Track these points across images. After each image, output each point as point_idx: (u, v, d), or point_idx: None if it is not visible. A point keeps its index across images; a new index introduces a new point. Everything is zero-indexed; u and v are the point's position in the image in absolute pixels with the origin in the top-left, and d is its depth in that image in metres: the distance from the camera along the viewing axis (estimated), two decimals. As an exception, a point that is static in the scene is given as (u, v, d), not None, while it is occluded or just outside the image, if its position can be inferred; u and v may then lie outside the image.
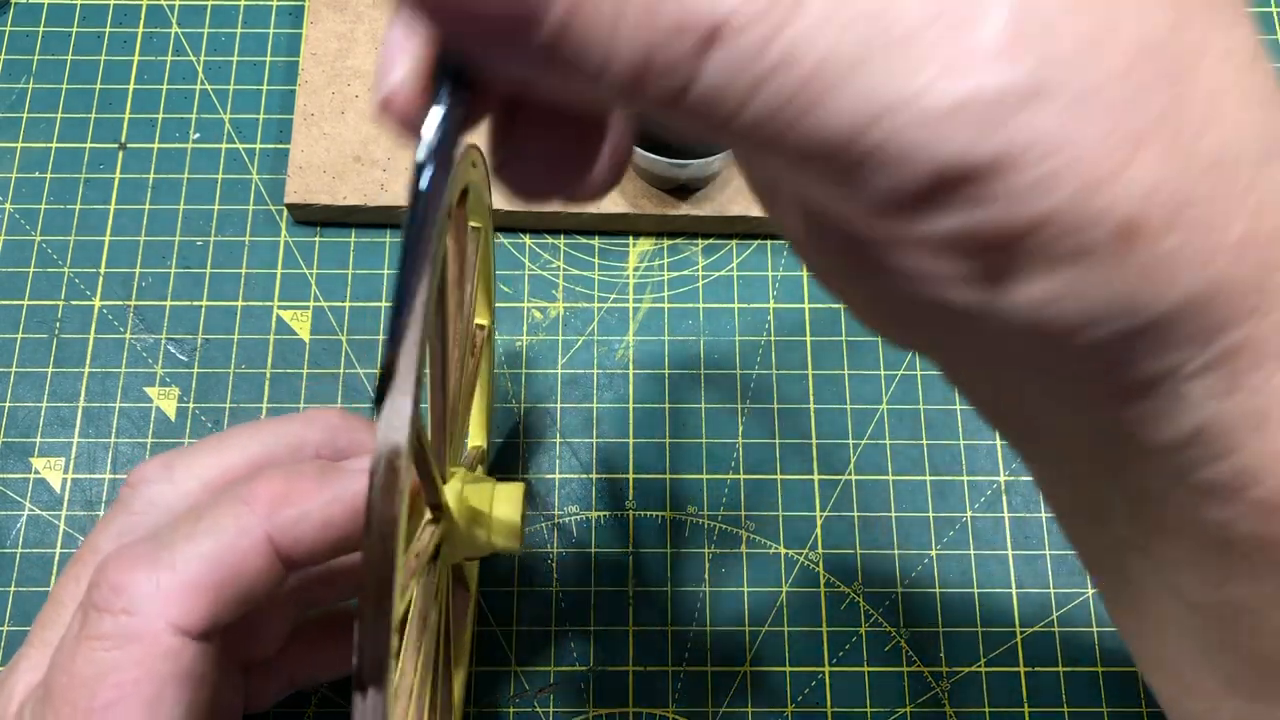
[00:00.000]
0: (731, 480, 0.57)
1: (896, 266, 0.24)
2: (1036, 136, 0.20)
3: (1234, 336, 0.23)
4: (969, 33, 0.20)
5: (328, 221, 0.62)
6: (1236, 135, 0.22)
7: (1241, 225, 0.22)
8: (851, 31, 0.20)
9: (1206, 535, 0.27)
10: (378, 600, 0.26)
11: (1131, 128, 0.21)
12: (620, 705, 0.54)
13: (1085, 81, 0.20)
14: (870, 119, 0.20)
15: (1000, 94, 0.20)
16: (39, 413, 0.58)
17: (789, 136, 0.21)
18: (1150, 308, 0.23)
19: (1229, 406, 0.24)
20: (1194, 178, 0.22)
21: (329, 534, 0.38)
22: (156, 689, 0.37)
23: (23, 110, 0.64)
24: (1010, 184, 0.21)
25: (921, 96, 0.20)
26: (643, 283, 0.61)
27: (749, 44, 0.20)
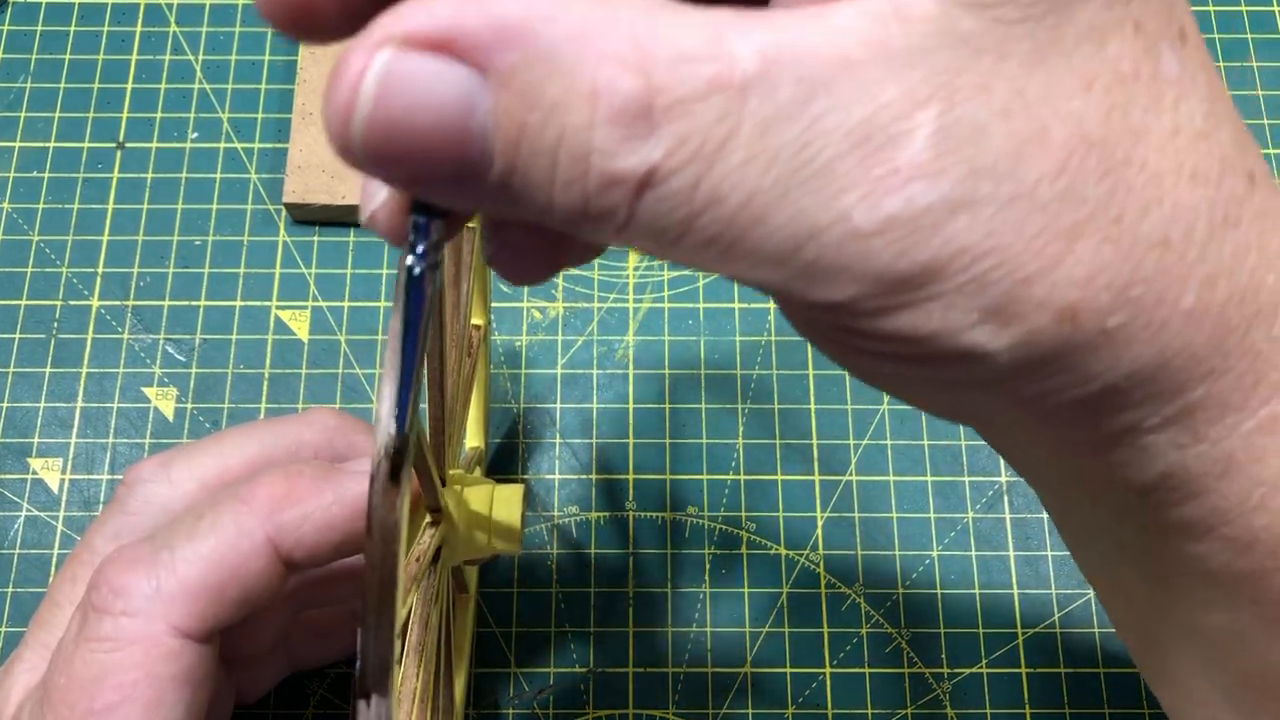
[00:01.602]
0: (732, 481, 0.57)
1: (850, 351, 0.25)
2: (962, 245, 0.21)
3: (1192, 395, 0.25)
4: (892, 153, 0.21)
5: (326, 221, 0.62)
6: (1181, 214, 0.23)
7: (1192, 297, 0.23)
8: (773, 169, 0.21)
9: (1185, 566, 0.28)
10: (380, 605, 0.26)
11: (1064, 224, 0.22)
12: (620, 706, 0.54)
13: (1014, 186, 0.21)
14: (799, 242, 0.21)
15: (924, 210, 0.21)
16: (36, 413, 0.58)
17: (729, 258, 0.22)
18: (1103, 377, 0.24)
19: (1193, 455, 0.26)
20: (1138, 259, 0.23)
21: (330, 536, 0.38)
22: (156, 691, 0.37)
23: (20, 109, 0.64)
24: (942, 288, 0.22)
25: (847, 218, 0.21)
26: (643, 283, 0.61)
27: (676, 189, 0.21)
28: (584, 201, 0.21)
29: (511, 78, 0.20)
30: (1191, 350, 0.24)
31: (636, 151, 0.20)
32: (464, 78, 0.20)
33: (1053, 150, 0.22)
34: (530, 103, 0.20)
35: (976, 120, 0.21)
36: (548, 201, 0.21)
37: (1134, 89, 0.22)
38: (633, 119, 0.20)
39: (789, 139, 0.21)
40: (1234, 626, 0.29)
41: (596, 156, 0.20)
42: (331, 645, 0.51)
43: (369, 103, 0.20)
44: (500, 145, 0.21)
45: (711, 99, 0.20)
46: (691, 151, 0.20)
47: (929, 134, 0.21)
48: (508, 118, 0.20)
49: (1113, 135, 0.22)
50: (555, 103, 0.20)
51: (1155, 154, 0.23)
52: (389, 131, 0.20)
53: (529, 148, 0.21)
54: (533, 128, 0.20)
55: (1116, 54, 0.22)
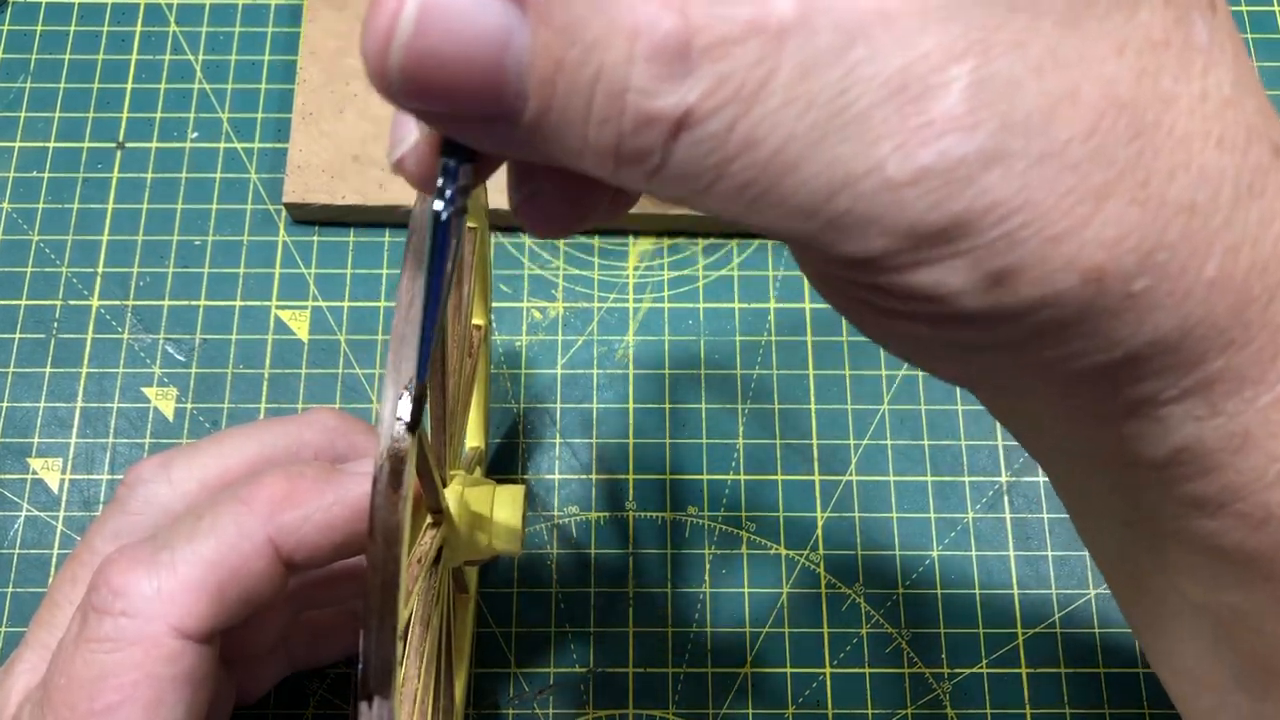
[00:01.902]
0: (732, 481, 0.57)
1: (868, 309, 0.26)
2: (996, 199, 0.21)
3: (1211, 367, 0.25)
4: (928, 104, 0.21)
5: (326, 221, 0.62)
6: (1208, 179, 0.23)
7: (1215, 265, 0.23)
8: (809, 114, 0.21)
9: (1199, 543, 0.28)
10: (383, 607, 0.26)
11: (1094, 183, 0.22)
12: (620, 707, 0.54)
13: (1046, 143, 0.21)
14: (833, 191, 0.21)
15: (958, 162, 0.21)
16: (36, 413, 0.58)
17: (760, 205, 0.22)
18: (1126, 343, 0.24)
19: (1210, 428, 0.26)
20: (1164, 223, 0.23)
21: (331, 537, 0.38)
22: (157, 692, 0.37)
23: (20, 109, 0.64)
24: (973, 243, 0.22)
25: (882, 168, 0.21)
26: (643, 283, 0.61)
27: (712, 132, 0.21)
28: (618, 141, 0.21)
29: (551, 12, 0.20)
30: (1213, 320, 0.24)
31: (674, 91, 0.21)
32: (503, 11, 0.20)
33: (1084, 110, 0.22)
34: (569, 38, 0.20)
35: (1011, 76, 0.21)
36: (581, 141, 0.21)
37: (1164, 55, 0.23)
38: (671, 58, 0.20)
39: (826, 85, 0.21)
40: (1245, 605, 0.29)
41: (633, 95, 0.21)
42: (331, 645, 0.51)
43: (408, 30, 0.20)
44: (536, 82, 0.21)
45: (750, 41, 0.20)
46: (729, 93, 0.21)
47: (964, 87, 0.21)
48: (545, 53, 0.21)
49: (1143, 99, 0.22)
50: (594, 39, 0.20)
51: (1184, 119, 0.23)
52: (426, 62, 0.21)
53: (565, 84, 0.21)
54: (570, 64, 0.21)
55: (1148, 20, 0.22)
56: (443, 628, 0.42)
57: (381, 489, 0.26)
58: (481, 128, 0.22)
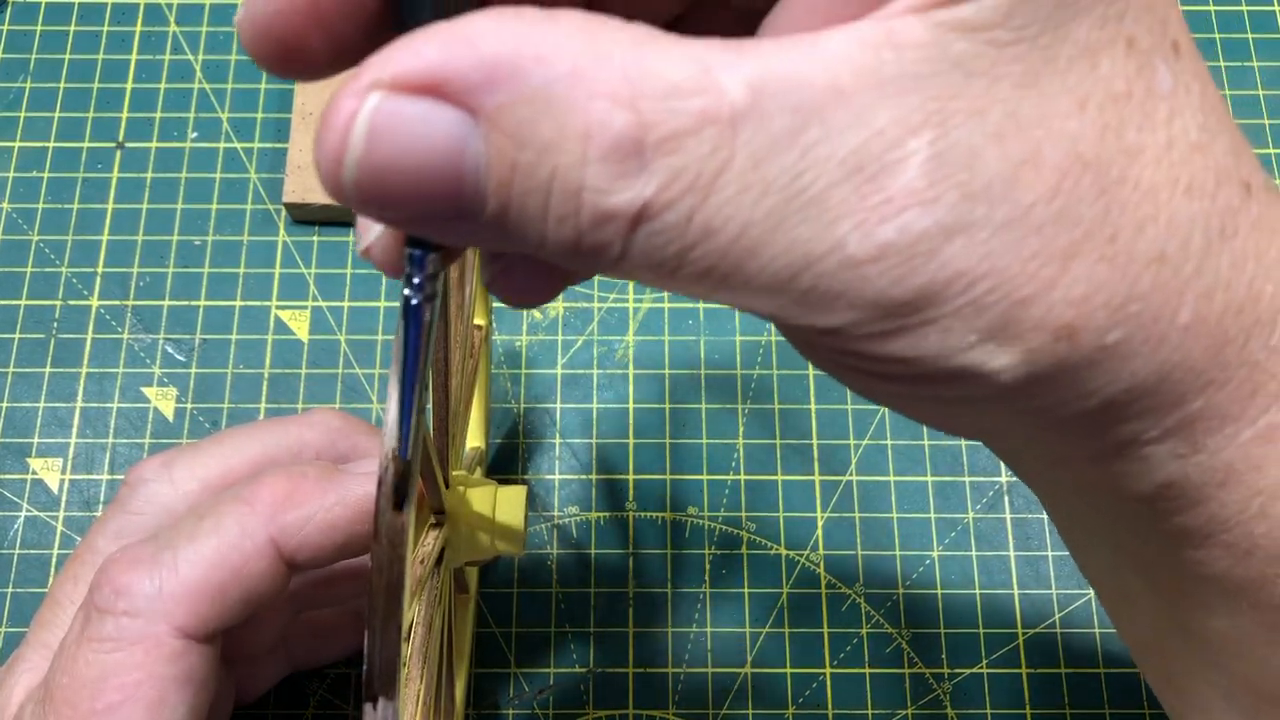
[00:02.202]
0: (732, 481, 0.57)
1: (850, 371, 0.26)
2: (959, 270, 0.22)
3: (1191, 407, 0.25)
4: (886, 181, 0.21)
5: (326, 221, 0.62)
6: (1177, 228, 0.23)
7: (1189, 311, 0.23)
8: (766, 200, 0.21)
9: (1186, 572, 0.29)
10: (387, 609, 0.26)
11: (1060, 245, 0.22)
12: (620, 707, 0.54)
13: (1009, 209, 0.21)
14: (795, 271, 0.21)
15: (919, 236, 0.21)
16: (36, 413, 0.58)
17: (726, 288, 0.22)
18: (1102, 392, 0.24)
19: (1192, 465, 0.26)
20: (1134, 276, 0.23)
21: (333, 537, 0.38)
22: (159, 692, 0.37)
23: (20, 109, 0.64)
24: (939, 311, 0.22)
25: (843, 247, 0.21)
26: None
27: (670, 223, 0.21)
28: (578, 237, 0.21)
29: (502, 118, 0.20)
30: (1189, 363, 0.24)
31: (630, 188, 0.20)
32: (454, 120, 0.20)
33: (1047, 172, 0.22)
34: (522, 142, 0.20)
35: (970, 145, 0.21)
36: (541, 238, 0.21)
37: (1127, 107, 0.22)
38: (625, 155, 0.20)
39: (782, 169, 0.21)
40: (1234, 632, 0.29)
41: (589, 194, 0.20)
42: (331, 645, 0.51)
43: (359, 146, 0.20)
44: (493, 185, 0.21)
45: (703, 132, 0.20)
46: (684, 186, 0.20)
47: (922, 160, 0.21)
48: (499, 158, 0.20)
49: (1106, 154, 0.22)
50: (547, 142, 0.20)
51: (1150, 170, 0.23)
52: (380, 175, 0.20)
53: (521, 186, 0.21)
54: (525, 167, 0.20)
55: (1109, 73, 0.22)
56: (444, 628, 0.42)
57: (386, 492, 0.26)
58: (441, 227, 0.22)
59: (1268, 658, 0.29)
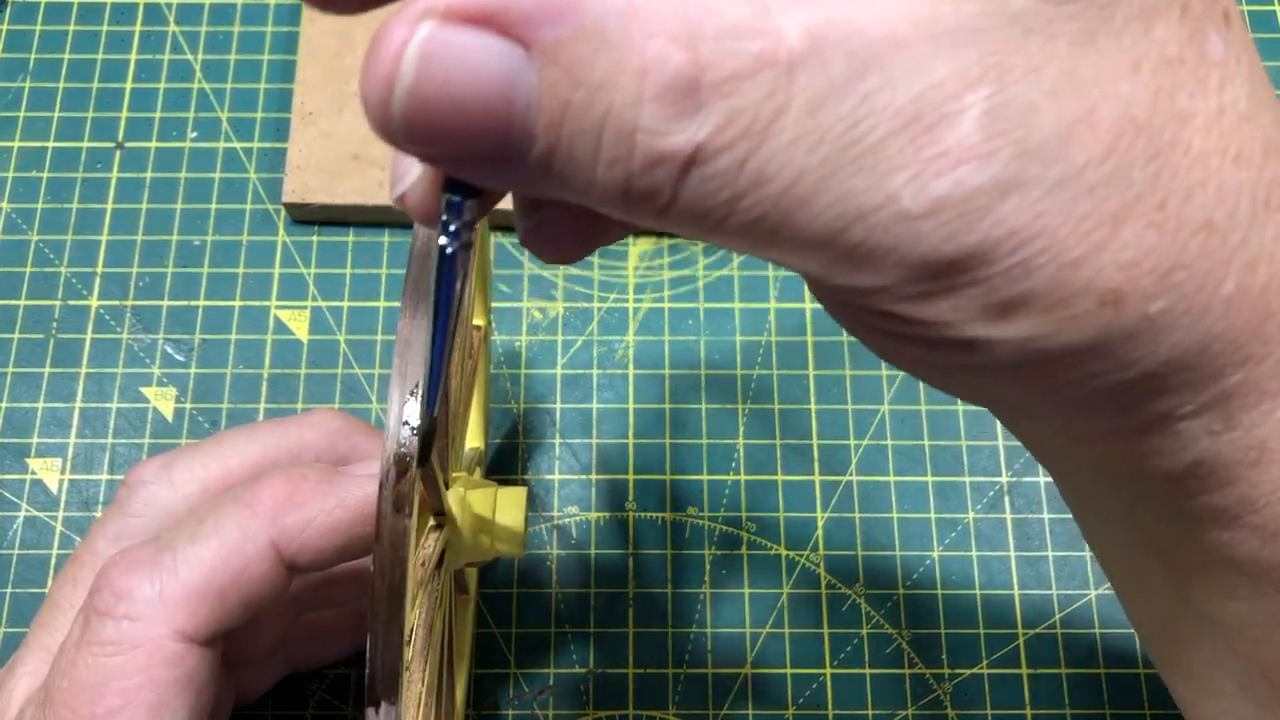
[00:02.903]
0: (732, 481, 0.57)
1: (883, 335, 0.26)
2: (1012, 228, 0.21)
3: (1229, 381, 0.24)
4: (942, 133, 0.21)
5: (326, 221, 0.61)
6: (1225, 196, 0.23)
7: (1233, 282, 0.23)
8: (821, 148, 0.20)
9: (1210, 553, 0.28)
10: (390, 613, 0.26)
11: (1111, 207, 0.22)
12: (620, 707, 0.54)
13: (1063, 168, 0.21)
14: (846, 224, 0.21)
15: (973, 192, 0.21)
16: (35, 413, 0.58)
17: (773, 240, 0.22)
18: (1142, 363, 0.24)
19: (1226, 442, 0.26)
20: (1182, 243, 0.22)
21: (333, 540, 0.38)
22: (159, 695, 0.37)
23: (19, 109, 0.63)
24: (989, 271, 0.22)
25: (896, 200, 0.21)
26: (643, 283, 0.61)
27: (722, 169, 0.20)
28: (627, 181, 0.21)
29: (557, 54, 0.20)
30: (1231, 336, 0.24)
31: (683, 130, 0.20)
32: (508, 53, 0.20)
33: (1101, 132, 0.22)
34: (576, 79, 0.20)
35: (1027, 101, 0.21)
36: (589, 182, 0.21)
37: (1180, 72, 0.22)
38: (680, 96, 0.20)
39: (838, 117, 0.20)
40: (1256, 616, 0.29)
41: (642, 135, 0.20)
42: (330, 646, 0.51)
43: (410, 76, 0.20)
44: (543, 123, 0.20)
45: (760, 75, 0.20)
46: (740, 130, 0.20)
47: (979, 115, 0.21)
48: (552, 95, 0.20)
49: (1159, 118, 0.22)
50: (601, 79, 0.20)
51: (1200, 136, 0.23)
52: (429, 106, 0.20)
53: (573, 125, 0.20)
54: (577, 105, 0.20)
55: (1163, 37, 0.22)
56: (445, 630, 0.42)
57: (388, 495, 0.26)
58: (486, 168, 0.22)
59: None
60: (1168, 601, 0.31)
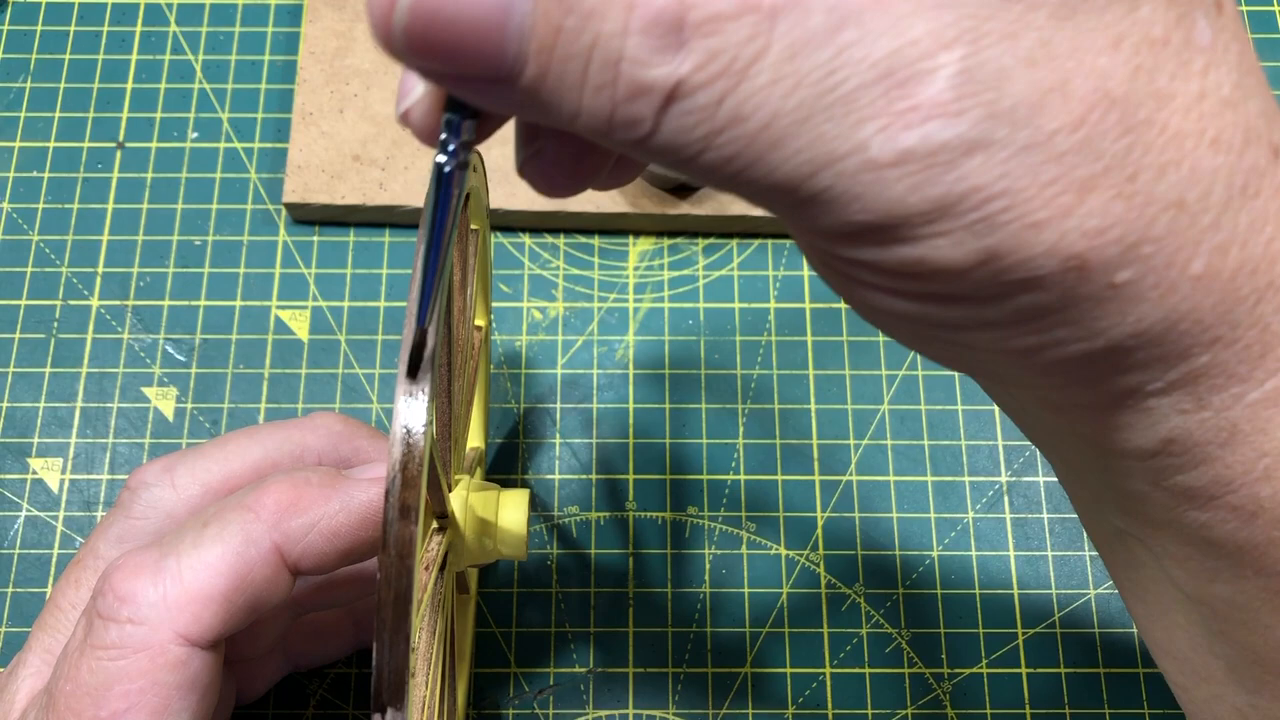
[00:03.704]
0: (732, 481, 0.57)
1: (855, 283, 0.26)
2: (975, 184, 0.22)
3: (1197, 362, 0.25)
4: (914, 89, 0.21)
5: (326, 221, 0.62)
6: (1199, 178, 0.23)
7: (1202, 263, 0.24)
8: (797, 93, 0.21)
9: (1189, 535, 0.29)
10: (396, 619, 0.26)
11: (1079, 175, 0.22)
12: (620, 707, 0.54)
13: (1031, 133, 0.22)
14: (816, 168, 0.22)
15: (940, 147, 0.22)
16: (36, 413, 0.58)
17: (745, 177, 0.23)
18: (1108, 333, 0.24)
19: (1196, 421, 0.26)
20: (1150, 218, 0.23)
21: (337, 544, 0.38)
22: (163, 699, 0.37)
23: (20, 109, 0.63)
24: (952, 224, 0.22)
25: (865, 148, 0.22)
26: (643, 283, 0.61)
27: (701, 104, 0.22)
28: (612, 108, 0.22)
29: None
30: (1198, 316, 0.24)
31: (666, 63, 0.21)
32: None
33: (1073, 103, 0.22)
34: (568, 6, 0.21)
35: (1000, 66, 0.22)
36: (576, 106, 0.22)
37: (1163, 53, 0.23)
38: (665, 30, 0.21)
39: (815, 65, 0.21)
40: (1238, 599, 0.29)
41: (627, 65, 0.21)
42: (330, 646, 0.51)
43: None
44: (535, 47, 0.21)
45: (743, 18, 0.21)
46: (719, 68, 0.21)
47: (951, 74, 0.21)
48: (545, 19, 0.21)
49: (1136, 95, 0.22)
50: (592, 8, 0.21)
51: (1178, 117, 0.23)
52: (430, 21, 0.21)
53: (563, 51, 0.21)
54: (568, 32, 0.21)
55: (1148, 17, 0.23)
56: (447, 631, 0.43)
57: (394, 501, 0.26)
58: (482, 87, 0.23)
59: (1273, 626, 0.29)
60: (1158, 586, 0.32)
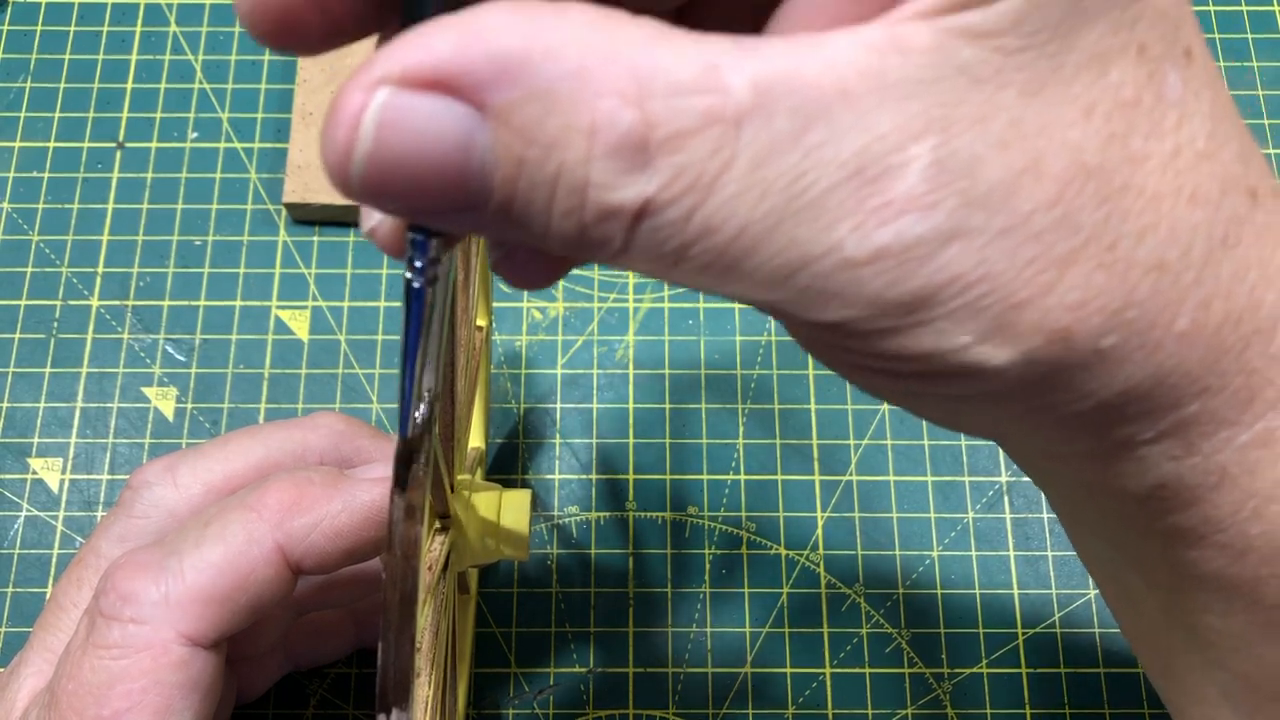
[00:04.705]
0: (732, 481, 0.57)
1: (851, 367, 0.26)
2: (954, 274, 0.22)
3: (1186, 411, 0.25)
4: (887, 185, 0.21)
5: (326, 221, 0.62)
6: (1178, 237, 0.23)
7: (1187, 320, 0.24)
8: (766, 200, 0.21)
9: (1183, 570, 0.29)
10: (401, 620, 0.26)
11: (1058, 252, 0.22)
12: (620, 707, 0.54)
13: (1007, 217, 0.22)
14: (792, 270, 0.22)
15: (915, 241, 0.21)
16: (36, 413, 0.58)
17: (725, 282, 0.22)
18: (1097, 394, 0.24)
19: (1187, 467, 0.26)
20: (1133, 284, 0.23)
21: (339, 544, 0.38)
22: (165, 699, 0.37)
23: (20, 109, 0.63)
24: (933, 314, 0.22)
25: (840, 248, 0.21)
26: (643, 282, 0.61)
27: (671, 220, 0.21)
28: (581, 230, 0.21)
29: (510, 115, 0.20)
30: (1185, 369, 0.24)
31: (633, 184, 0.21)
32: (463, 115, 0.20)
33: (1048, 181, 0.22)
34: (529, 139, 0.20)
35: (972, 152, 0.21)
36: (545, 230, 0.22)
37: (1135, 114, 0.23)
38: (630, 153, 0.20)
39: (782, 170, 0.21)
40: (1231, 629, 0.29)
41: (593, 189, 0.21)
42: (330, 645, 0.51)
43: (368, 142, 0.20)
44: (499, 179, 0.21)
45: (707, 132, 0.20)
46: (686, 184, 0.21)
47: (924, 166, 0.21)
48: (506, 153, 0.21)
49: (1110, 163, 0.22)
50: (553, 138, 0.20)
51: (1154, 178, 0.23)
52: (388, 170, 0.21)
53: (527, 181, 0.21)
54: (531, 162, 0.21)
55: (1118, 80, 0.22)
56: (449, 631, 0.43)
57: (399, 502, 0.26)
58: (445, 218, 0.22)
59: (1264, 655, 0.29)
60: (1152, 614, 0.32)
